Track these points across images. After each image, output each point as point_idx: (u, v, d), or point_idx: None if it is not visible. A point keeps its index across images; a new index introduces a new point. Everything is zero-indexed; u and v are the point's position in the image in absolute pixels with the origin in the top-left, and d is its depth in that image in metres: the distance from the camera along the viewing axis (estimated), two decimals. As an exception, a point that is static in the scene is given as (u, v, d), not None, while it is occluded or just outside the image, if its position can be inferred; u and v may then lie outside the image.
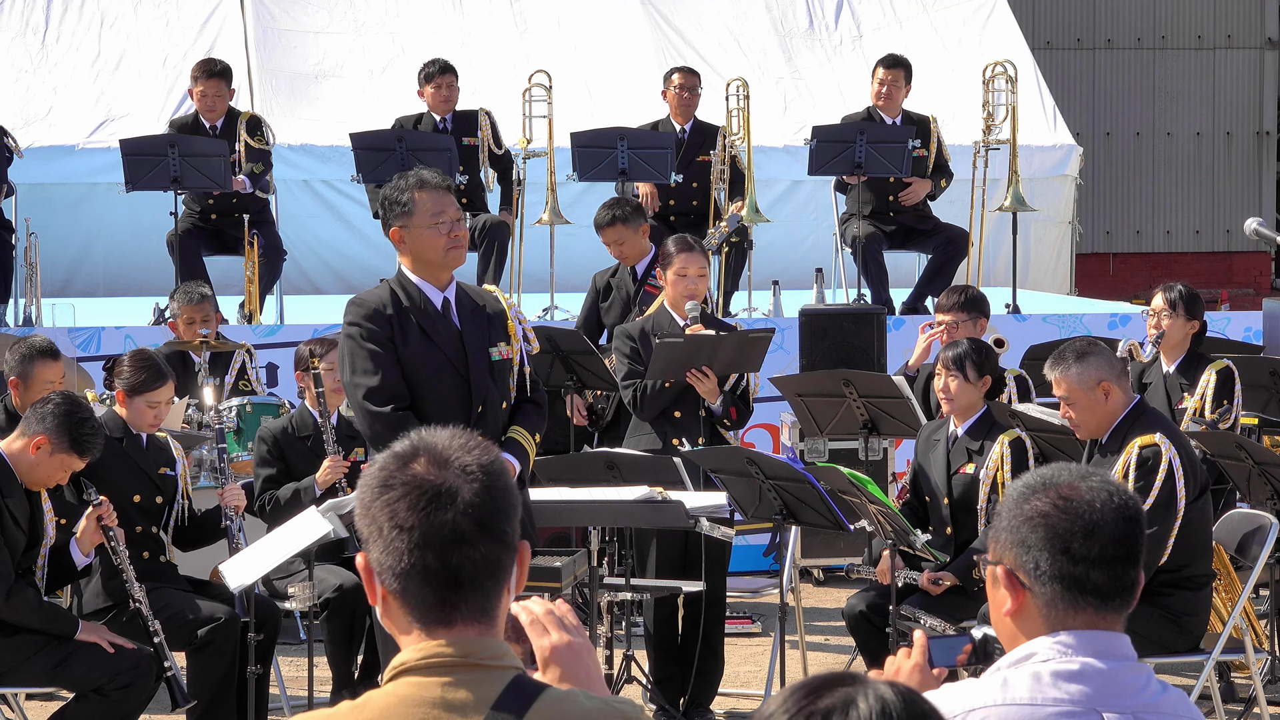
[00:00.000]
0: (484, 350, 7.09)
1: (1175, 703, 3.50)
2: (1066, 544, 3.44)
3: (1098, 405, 7.86)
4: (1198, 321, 10.05)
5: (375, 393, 7.00)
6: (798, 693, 2.57)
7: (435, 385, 7.05)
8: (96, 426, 7.57)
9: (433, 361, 7.04)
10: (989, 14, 17.50)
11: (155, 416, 8.34)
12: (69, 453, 7.45)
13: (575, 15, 16.91)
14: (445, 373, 7.04)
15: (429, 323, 7.05)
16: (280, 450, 9.01)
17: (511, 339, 7.18)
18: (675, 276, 9.16)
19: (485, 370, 7.08)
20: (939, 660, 3.76)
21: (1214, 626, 8.31)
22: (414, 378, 7.05)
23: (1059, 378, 7.92)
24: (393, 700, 2.90)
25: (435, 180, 7.06)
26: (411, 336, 7.04)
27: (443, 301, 7.10)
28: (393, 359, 7.02)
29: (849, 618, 8.56)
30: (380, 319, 7.03)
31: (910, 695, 2.56)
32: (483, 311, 7.16)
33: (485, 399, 7.05)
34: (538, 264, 13.66)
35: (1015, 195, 13.36)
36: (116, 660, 7.51)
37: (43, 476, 7.51)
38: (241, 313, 12.75)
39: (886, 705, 2.54)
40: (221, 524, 8.24)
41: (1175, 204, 22.83)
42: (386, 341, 7.03)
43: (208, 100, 13.14)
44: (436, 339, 7.05)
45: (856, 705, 2.54)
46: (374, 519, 2.95)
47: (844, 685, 2.57)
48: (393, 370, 7.01)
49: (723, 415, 9.06)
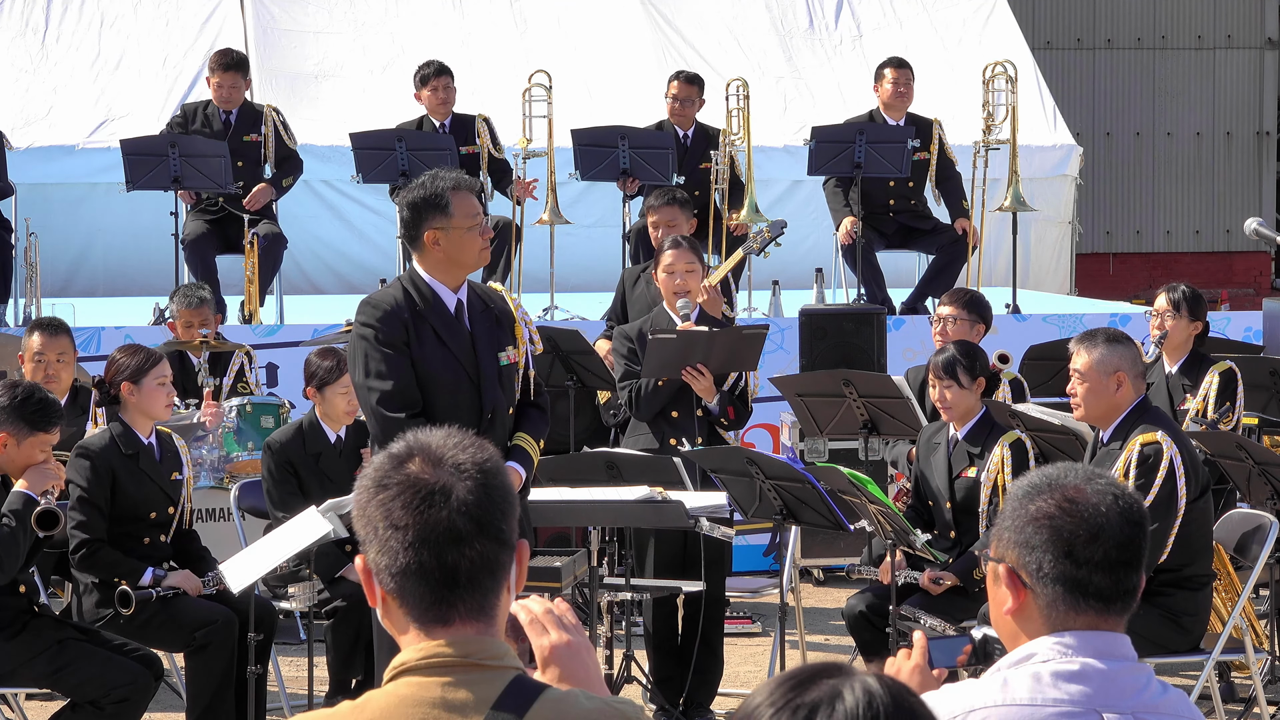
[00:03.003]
0: (494, 356, 7.05)
1: (1175, 703, 3.50)
2: (1070, 547, 3.44)
3: (1106, 392, 7.84)
4: (1200, 322, 10.05)
5: (389, 398, 6.91)
6: (784, 685, 2.54)
7: (448, 391, 6.99)
8: (43, 396, 7.49)
9: (447, 367, 6.98)
10: (989, 14, 17.50)
11: (168, 395, 8.29)
12: (33, 434, 7.42)
13: (575, 15, 16.90)
14: (459, 378, 6.98)
15: (443, 326, 6.99)
16: (293, 467, 8.91)
17: (518, 342, 7.15)
18: (664, 274, 9.16)
19: (495, 376, 7.04)
20: (939, 661, 3.75)
21: (1214, 626, 8.31)
22: (426, 382, 6.98)
23: (1082, 351, 7.89)
24: (393, 700, 2.90)
25: (467, 182, 7.00)
26: (426, 340, 6.97)
27: (456, 304, 7.04)
28: (407, 363, 6.94)
29: (849, 618, 8.56)
30: (395, 321, 6.95)
31: (897, 688, 2.54)
32: (491, 313, 7.11)
33: (495, 406, 7.01)
34: (538, 264, 13.66)
35: (1015, 195, 13.36)
36: (115, 673, 7.49)
37: (26, 465, 7.47)
38: (241, 313, 12.75)
39: (873, 699, 2.52)
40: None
41: (1175, 204, 22.82)
42: (401, 345, 6.94)
43: (223, 91, 13.18)
44: (450, 343, 6.98)
45: (843, 698, 2.52)
46: (370, 519, 2.95)
47: (830, 677, 2.54)
48: (407, 375, 6.93)
49: (720, 414, 9.05)
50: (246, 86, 13.35)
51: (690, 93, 13.37)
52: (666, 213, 10.57)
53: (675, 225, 10.54)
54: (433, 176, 7.02)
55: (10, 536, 7.28)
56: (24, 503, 7.30)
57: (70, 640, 7.57)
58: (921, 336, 11.98)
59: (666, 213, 10.57)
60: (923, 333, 11.83)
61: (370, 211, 15.40)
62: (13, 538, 7.29)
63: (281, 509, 8.65)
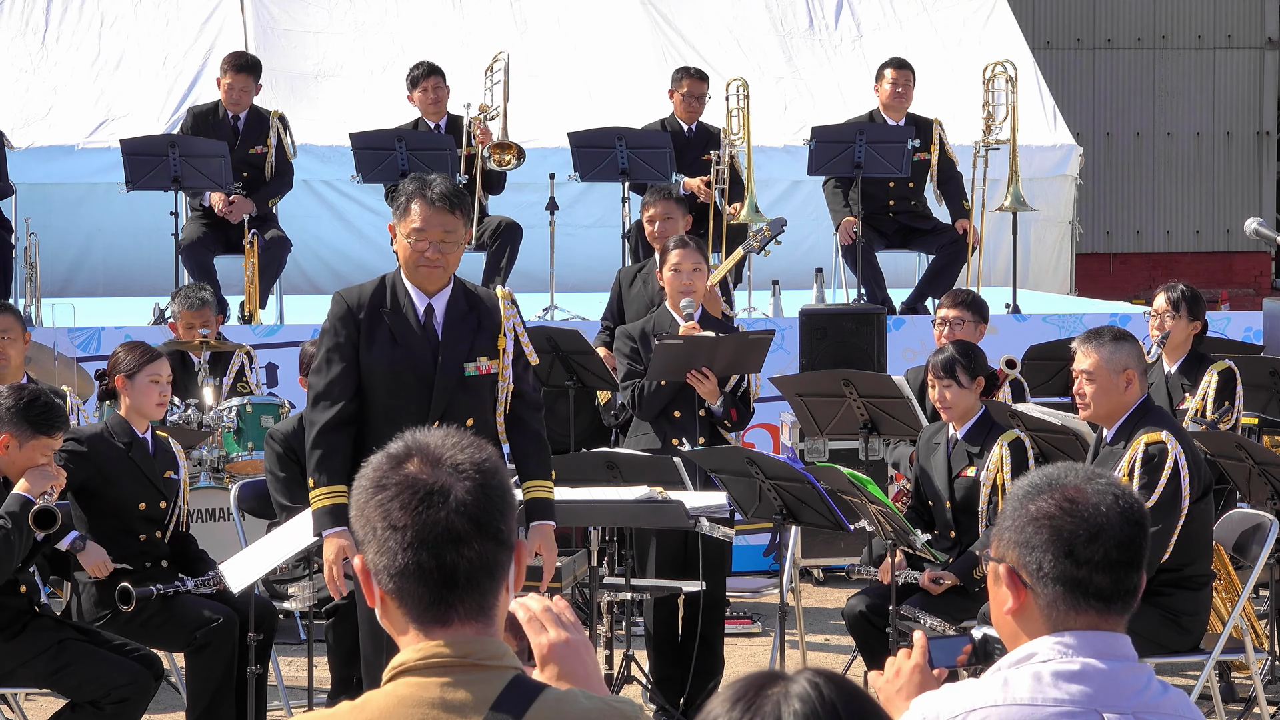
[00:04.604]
0: (458, 364, 7.01)
1: (1176, 703, 3.50)
2: (1070, 547, 3.44)
3: (1116, 390, 7.83)
4: (1200, 322, 10.05)
5: (319, 396, 7.05)
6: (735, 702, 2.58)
7: (391, 393, 7.00)
8: (48, 400, 7.51)
9: (394, 369, 6.99)
10: (989, 14, 17.49)
11: (161, 394, 8.26)
12: (36, 436, 7.42)
13: (575, 15, 16.90)
14: (405, 381, 6.96)
15: (402, 329, 6.99)
16: (295, 456, 8.90)
17: (499, 353, 7.11)
18: (670, 273, 9.16)
19: (453, 385, 6.98)
20: (939, 661, 3.75)
21: (1214, 626, 8.30)
22: (370, 382, 7.02)
23: (1090, 351, 7.86)
24: (392, 700, 2.90)
25: (438, 194, 6.91)
26: (379, 340, 7.00)
27: (426, 308, 7.04)
28: (346, 362, 7.01)
29: (849, 618, 8.56)
30: (349, 320, 7.02)
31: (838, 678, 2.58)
32: (474, 320, 7.06)
33: (444, 413, 6.96)
34: (538, 264, 13.66)
35: (1015, 195, 13.35)
36: (115, 674, 7.48)
37: (26, 468, 7.47)
38: (241, 313, 12.75)
39: (821, 690, 2.56)
40: None
41: (1175, 204, 22.82)
42: (348, 346, 7.01)
43: (234, 93, 13.19)
44: (405, 345, 6.99)
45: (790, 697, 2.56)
46: (368, 519, 2.95)
47: (774, 685, 2.58)
48: (340, 373, 7.01)
49: (723, 416, 9.05)
50: (256, 91, 13.34)
51: (702, 90, 13.42)
52: (664, 207, 10.64)
53: (672, 220, 10.60)
54: (417, 177, 7.05)
55: (4, 539, 7.28)
56: (20, 505, 7.29)
57: (70, 640, 7.56)
58: (921, 336, 11.98)
59: (664, 207, 10.64)
60: (923, 333, 11.83)
61: (370, 211, 15.39)
62: (6, 540, 7.28)
63: (286, 498, 8.65)
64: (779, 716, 2.54)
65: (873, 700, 2.60)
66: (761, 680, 2.58)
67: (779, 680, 2.58)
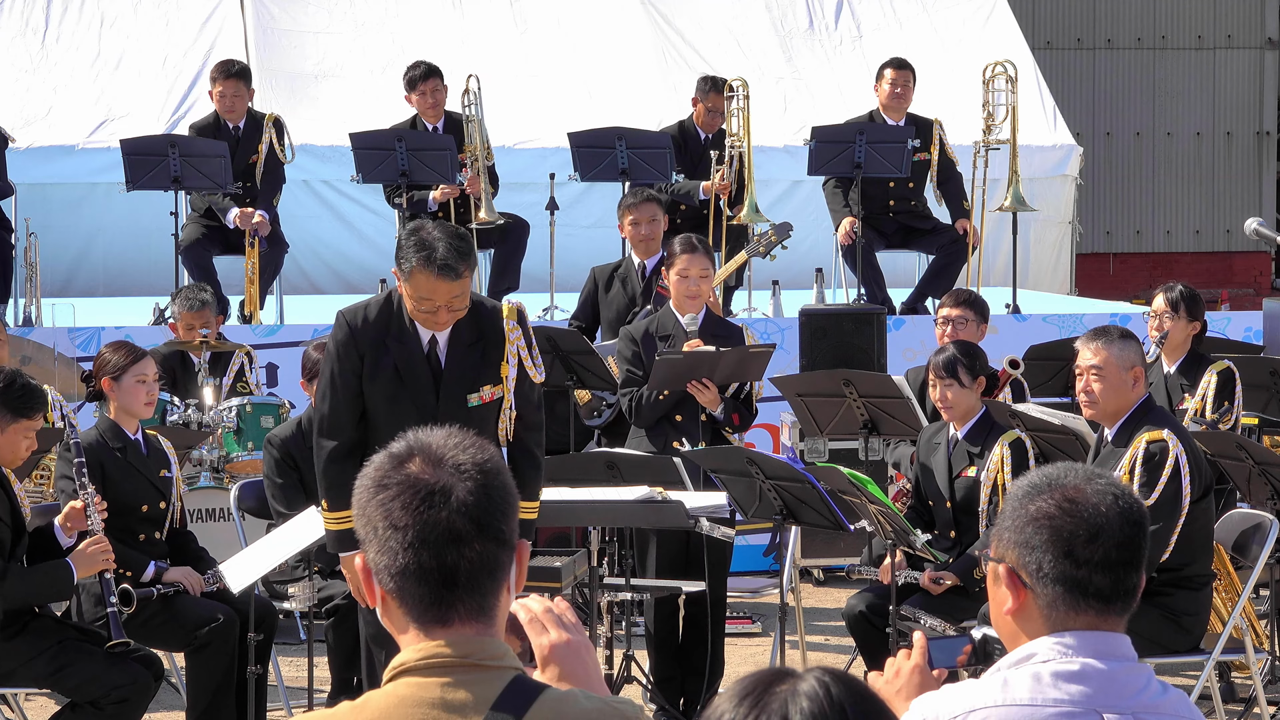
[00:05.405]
0: (461, 396, 7.00)
1: (1176, 703, 3.50)
2: (1070, 547, 3.44)
3: (1125, 387, 7.83)
4: (1199, 322, 10.05)
5: (322, 421, 7.06)
6: (743, 699, 2.58)
7: (392, 424, 6.96)
8: (25, 381, 7.45)
9: (396, 400, 6.98)
10: (989, 14, 17.49)
11: (148, 393, 8.22)
12: (15, 420, 7.38)
13: (575, 15, 16.90)
14: (406, 413, 6.89)
15: (405, 361, 6.97)
16: (294, 462, 8.89)
17: (502, 379, 7.05)
18: (677, 277, 9.16)
19: (456, 416, 6.88)
20: (939, 661, 3.75)
21: (1214, 626, 8.30)
22: (373, 410, 7.02)
23: (1099, 348, 7.84)
24: (392, 700, 2.90)
25: (442, 263, 6.74)
26: (382, 371, 6.99)
27: (429, 340, 7.01)
28: (354, 393, 7.01)
29: (849, 618, 8.56)
30: (351, 349, 6.99)
31: (847, 677, 2.58)
32: (479, 351, 7.01)
33: None
34: (538, 264, 13.66)
35: (1015, 195, 13.35)
36: (115, 673, 7.47)
37: (8, 454, 7.44)
38: (241, 313, 12.74)
39: (829, 689, 2.56)
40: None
41: (1175, 204, 22.82)
42: (351, 376, 7.01)
43: (226, 100, 13.12)
44: (408, 379, 6.97)
45: (800, 695, 2.55)
46: (369, 519, 2.95)
47: (783, 682, 2.58)
48: (344, 402, 7.01)
49: (725, 421, 9.06)
50: (250, 96, 13.29)
51: (722, 104, 13.37)
52: (646, 209, 10.70)
53: (656, 222, 10.68)
54: (420, 228, 6.87)
55: (42, 580, 7.44)
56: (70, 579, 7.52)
57: (70, 640, 7.56)
58: (921, 336, 11.98)
59: (646, 209, 10.70)
60: (923, 333, 11.83)
61: (370, 211, 15.39)
62: (37, 582, 7.45)
63: (284, 505, 8.62)
64: (786, 715, 2.54)
65: (881, 702, 2.60)
66: (770, 678, 2.58)
67: (787, 678, 2.58)
